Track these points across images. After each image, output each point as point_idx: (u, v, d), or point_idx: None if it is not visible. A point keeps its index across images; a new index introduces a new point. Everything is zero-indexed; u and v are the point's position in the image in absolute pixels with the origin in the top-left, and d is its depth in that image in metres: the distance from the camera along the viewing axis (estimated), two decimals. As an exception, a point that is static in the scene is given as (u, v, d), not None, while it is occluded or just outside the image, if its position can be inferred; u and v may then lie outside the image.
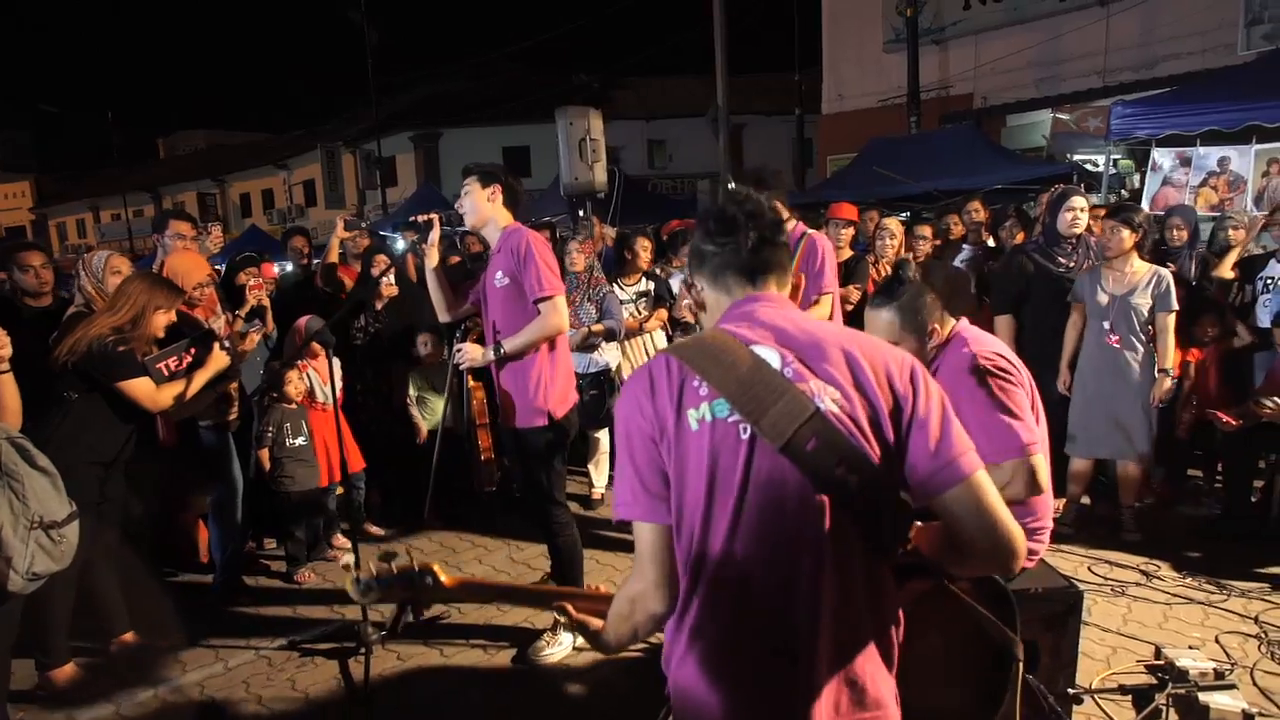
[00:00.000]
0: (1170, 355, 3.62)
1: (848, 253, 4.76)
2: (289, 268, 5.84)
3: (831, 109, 14.70)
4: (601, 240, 5.55)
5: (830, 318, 3.48)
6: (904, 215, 9.34)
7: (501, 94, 24.16)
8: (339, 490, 4.18)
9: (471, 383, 3.35)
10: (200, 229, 4.41)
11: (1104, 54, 11.53)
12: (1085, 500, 4.05)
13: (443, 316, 3.25)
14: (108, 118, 27.75)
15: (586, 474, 4.77)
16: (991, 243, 5.13)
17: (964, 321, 2.16)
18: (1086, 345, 3.80)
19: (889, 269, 4.87)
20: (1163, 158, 5.66)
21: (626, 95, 26.35)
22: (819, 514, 1.13)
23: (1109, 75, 11.43)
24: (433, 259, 3.09)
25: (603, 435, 4.69)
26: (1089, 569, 3.50)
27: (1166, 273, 3.65)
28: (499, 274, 2.91)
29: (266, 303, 4.24)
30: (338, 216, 4.99)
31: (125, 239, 26.93)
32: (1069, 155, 8.97)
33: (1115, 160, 6.97)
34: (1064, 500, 3.94)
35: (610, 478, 4.75)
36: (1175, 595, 3.22)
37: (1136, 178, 7.01)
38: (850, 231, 4.71)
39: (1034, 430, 1.91)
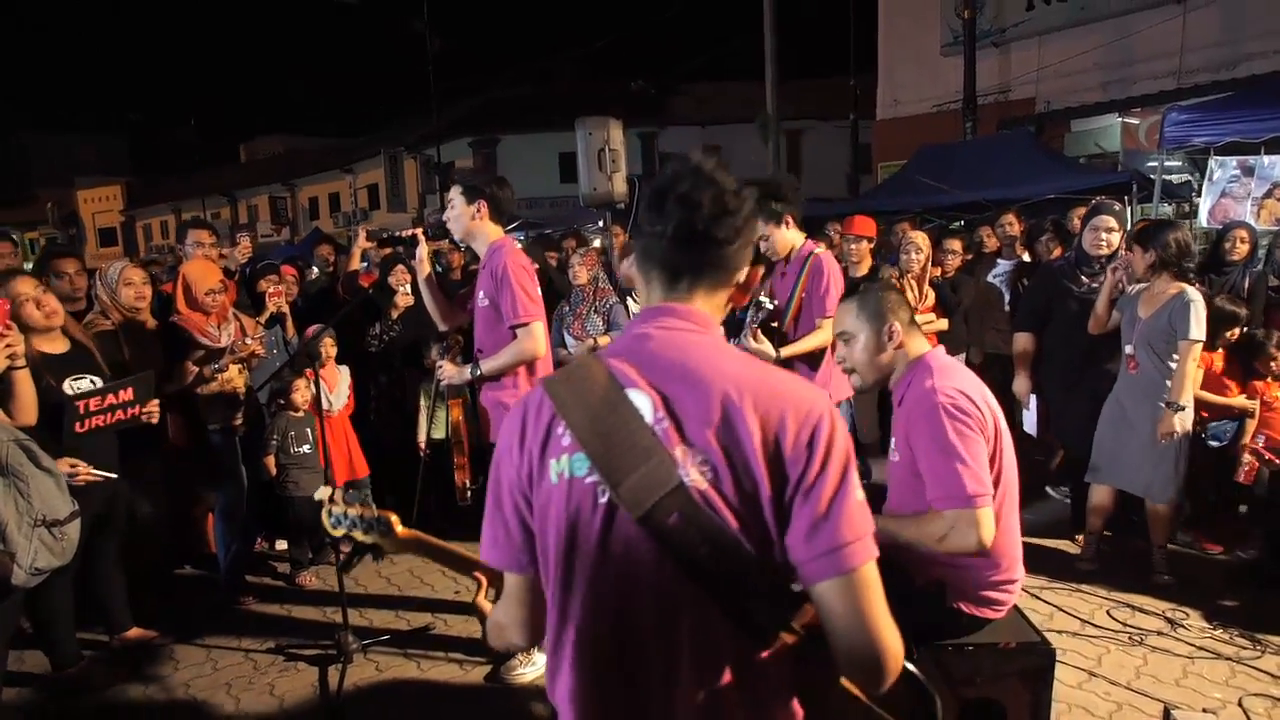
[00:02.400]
0: (1183, 388, 3.23)
1: (865, 268, 4.59)
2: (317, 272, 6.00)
3: (886, 114, 14.31)
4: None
5: (833, 343, 3.34)
6: (935, 224, 9.05)
7: (559, 100, 24.44)
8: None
9: (450, 399, 3.36)
10: (222, 238, 4.56)
11: (1179, 54, 10.87)
12: (1107, 533, 3.78)
13: (440, 326, 3.27)
14: (192, 125, 29.27)
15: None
16: (1027, 257, 4.87)
17: (936, 350, 2.03)
18: (1121, 370, 3.52)
19: (913, 284, 4.69)
20: (1221, 167, 5.26)
21: (683, 101, 26.32)
22: (678, 595, 1.02)
23: (1184, 76, 10.78)
24: (423, 270, 3.10)
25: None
26: (1108, 613, 3.25)
27: (1193, 294, 3.23)
28: (480, 294, 2.90)
29: (286, 309, 4.36)
30: (359, 227, 5.09)
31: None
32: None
33: (1169, 170, 6.53)
34: (1084, 534, 3.69)
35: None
36: (1200, 648, 2.96)
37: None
38: (866, 246, 4.54)
39: (984, 480, 1.77)
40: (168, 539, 3.90)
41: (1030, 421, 4.29)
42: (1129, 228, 4.75)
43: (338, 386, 4.26)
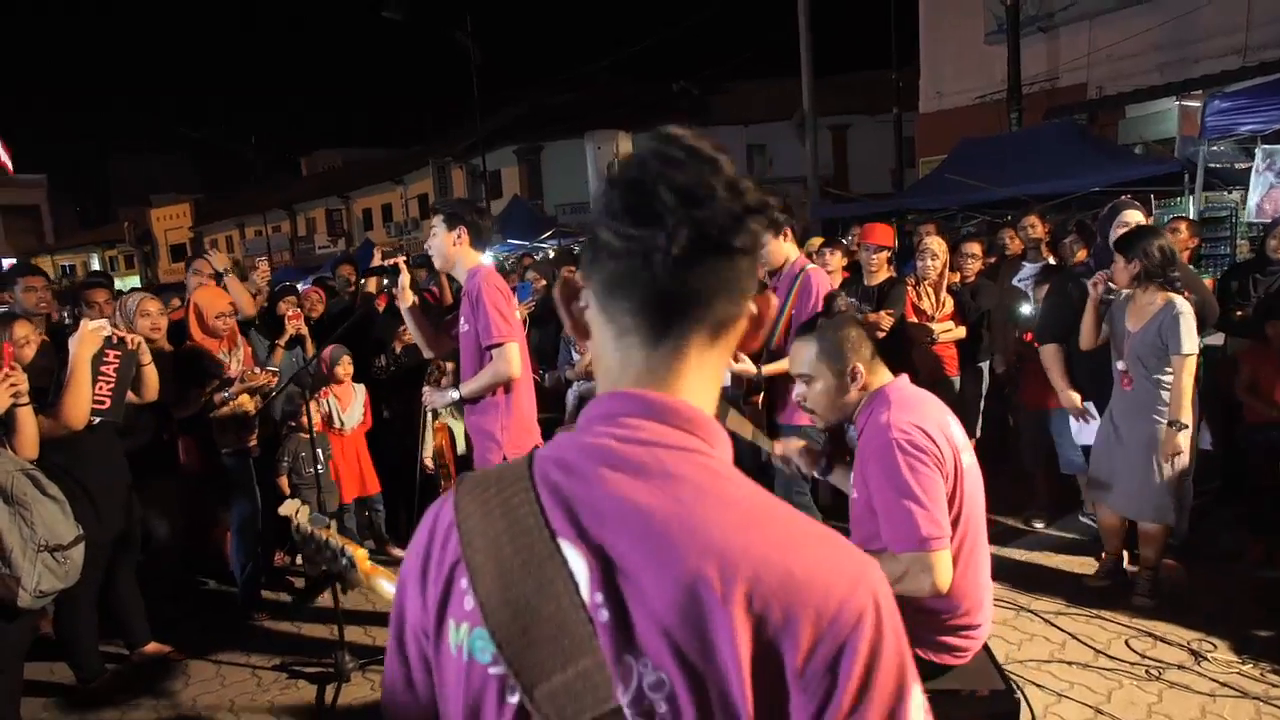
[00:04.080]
0: (1182, 405, 3.05)
1: (883, 276, 4.45)
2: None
3: (929, 107, 13.90)
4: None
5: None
6: (978, 221, 8.70)
7: (601, 106, 24.57)
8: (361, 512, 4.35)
9: (436, 424, 3.39)
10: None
11: (1245, 30, 10.23)
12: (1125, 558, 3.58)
13: (426, 353, 3.31)
14: (252, 142, 30.56)
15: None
16: (1053, 260, 4.65)
17: (898, 381, 1.94)
18: (1114, 385, 3.35)
19: (931, 291, 4.53)
20: (1269, 157, 4.91)
21: (725, 101, 26.11)
22: None
23: (1250, 54, 10.12)
24: (405, 300, 3.14)
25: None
26: (1126, 643, 3.07)
27: (1181, 305, 3.04)
28: (461, 319, 2.93)
29: (305, 331, 4.49)
30: (377, 248, 5.20)
31: (264, 253, 29.51)
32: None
33: (1227, 158, 6.11)
34: (1102, 555, 3.53)
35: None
36: (1224, 684, 2.76)
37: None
38: (884, 256, 4.40)
39: (939, 522, 1.67)
40: (184, 558, 4.06)
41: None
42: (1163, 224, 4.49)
43: (352, 405, 4.36)
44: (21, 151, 42.69)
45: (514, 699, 0.68)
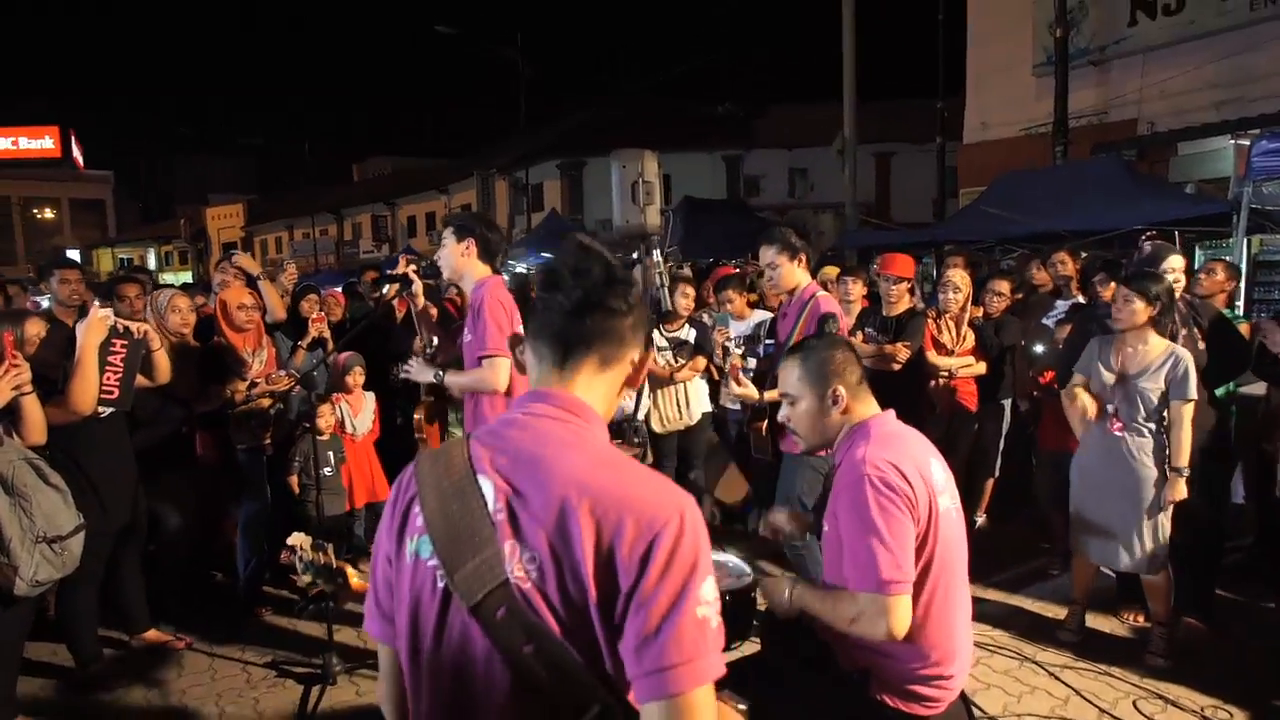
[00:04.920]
0: (1185, 451, 3.02)
1: (902, 307, 4.37)
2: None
3: (973, 138, 13.68)
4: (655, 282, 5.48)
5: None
6: (1017, 254, 8.51)
7: (645, 123, 24.77)
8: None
9: (426, 430, 3.43)
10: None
11: (1307, 70, 9.88)
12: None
13: None
14: (305, 148, 31.51)
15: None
16: (1083, 299, 4.51)
17: (883, 416, 1.89)
18: (1092, 432, 3.27)
19: (952, 325, 4.43)
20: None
21: (769, 123, 26.12)
22: (503, 692, 1.00)
23: (1312, 95, 9.78)
24: (418, 303, 3.21)
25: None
26: (1134, 703, 2.92)
27: (1185, 354, 3.07)
28: (465, 330, 2.95)
29: (328, 334, 4.58)
30: (402, 256, 5.28)
31: (311, 254, 30.30)
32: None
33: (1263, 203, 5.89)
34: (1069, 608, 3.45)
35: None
36: (1235, 755, 2.61)
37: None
38: (904, 287, 4.32)
39: (902, 566, 1.61)
40: (193, 550, 4.13)
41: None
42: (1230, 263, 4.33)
43: (362, 412, 4.42)
44: (92, 148, 44.64)
45: (442, 584, 1.03)
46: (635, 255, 5.30)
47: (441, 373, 2.97)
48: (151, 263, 39.88)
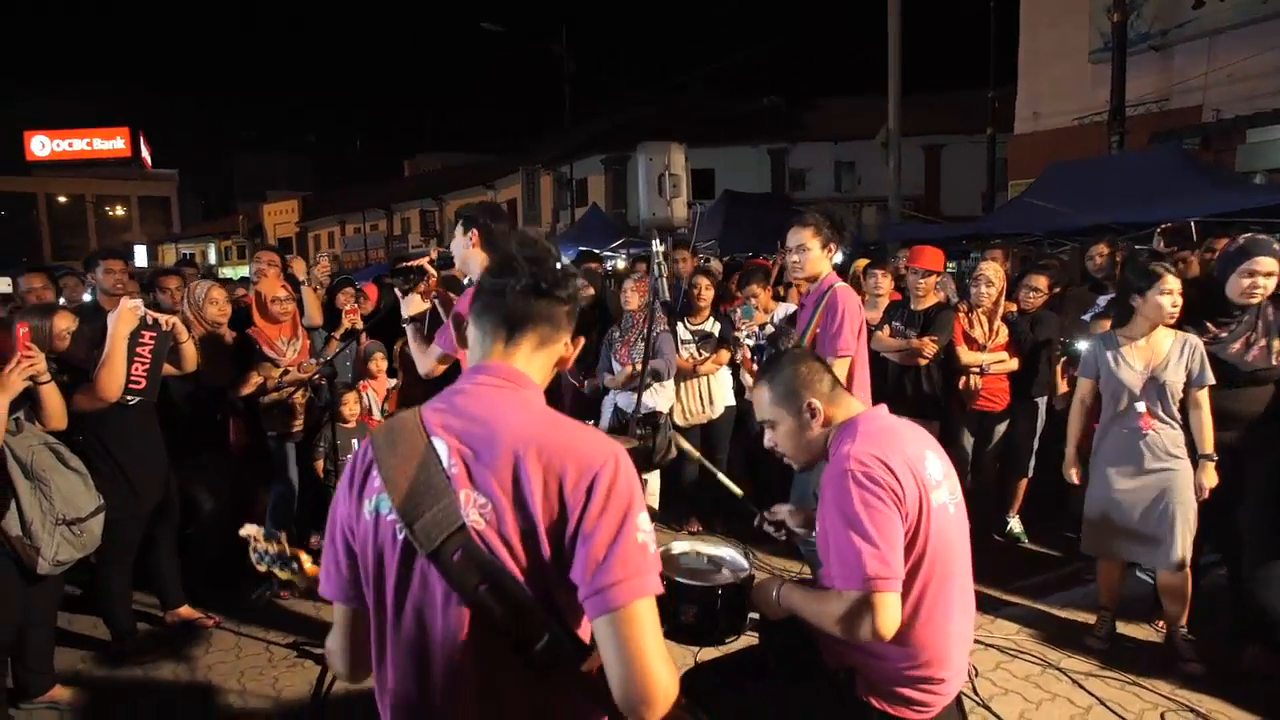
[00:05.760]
0: (1210, 436, 2.98)
1: (930, 301, 4.25)
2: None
3: (1025, 128, 13.21)
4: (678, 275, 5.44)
5: (849, 381, 3.12)
6: (1069, 247, 8.18)
7: (690, 118, 24.62)
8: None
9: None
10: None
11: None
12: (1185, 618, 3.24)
13: (420, 369, 3.23)
14: (357, 145, 32.22)
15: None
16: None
17: (873, 412, 1.83)
18: (1107, 430, 3.15)
19: (984, 319, 4.29)
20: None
21: (815, 117, 25.73)
22: (462, 631, 1.11)
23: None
24: (409, 308, 3.08)
25: (651, 478, 4.58)
26: (1162, 716, 2.78)
27: (1194, 338, 3.01)
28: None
29: (360, 325, 4.69)
30: (432, 248, 5.34)
31: (362, 249, 31.04)
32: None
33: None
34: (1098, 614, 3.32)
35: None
36: (1268, 775, 2.47)
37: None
38: (933, 281, 4.19)
39: (889, 561, 1.56)
40: (225, 532, 4.27)
41: None
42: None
43: (385, 398, 4.52)
44: (158, 147, 46.54)
45: (403, 535, 1.12)
46: (660, 247, 5.27)
47: (415, 331, 3.03)
48: (212, 257, 41.44)
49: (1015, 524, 4.48)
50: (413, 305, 3.13)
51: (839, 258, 3.36)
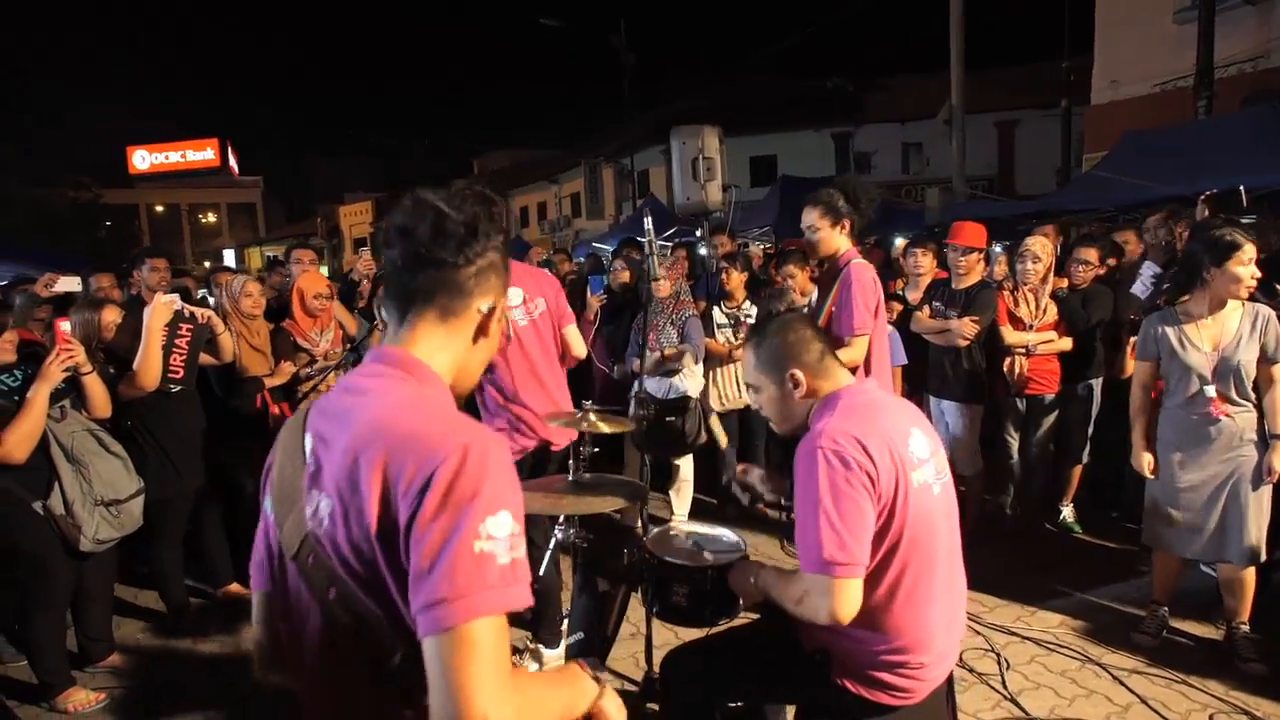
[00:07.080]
0: None
1: (972, 279, 4.05)
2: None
3: (1102, 98, 12.44)
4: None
5: (867, 362, 3.01)
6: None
7: (750, 103, 24.25)
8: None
9: None
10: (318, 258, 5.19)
11: None
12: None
13: None
14: (425, 143, 33.20)
15: (668, 499, 4.67)
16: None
17: (858, 386, 1.76)
18: (1171, 416, 2.87)
19: (1031, 297, 4.07)
20: None
21: (880, 98, 24.91)
22: (322, 638, 1.04)
23: None
24: None
25: (684, 463, 4.55)
26: (1210, 718, 2.58)
27: (1267, 309, 2.74)
28: None
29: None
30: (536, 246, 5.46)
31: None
32: None
33: None
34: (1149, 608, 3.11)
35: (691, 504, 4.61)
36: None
37: None
38: (975, 258, 3.99)
39: (851, 547, 1.49)
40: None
41: None
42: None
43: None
44: (243, 155, 49.02)
45: (274, 538, 1.10)
46: (698, 233, 5.21)
47: None
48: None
49: (1069, 513, 4.25)
50: None
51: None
